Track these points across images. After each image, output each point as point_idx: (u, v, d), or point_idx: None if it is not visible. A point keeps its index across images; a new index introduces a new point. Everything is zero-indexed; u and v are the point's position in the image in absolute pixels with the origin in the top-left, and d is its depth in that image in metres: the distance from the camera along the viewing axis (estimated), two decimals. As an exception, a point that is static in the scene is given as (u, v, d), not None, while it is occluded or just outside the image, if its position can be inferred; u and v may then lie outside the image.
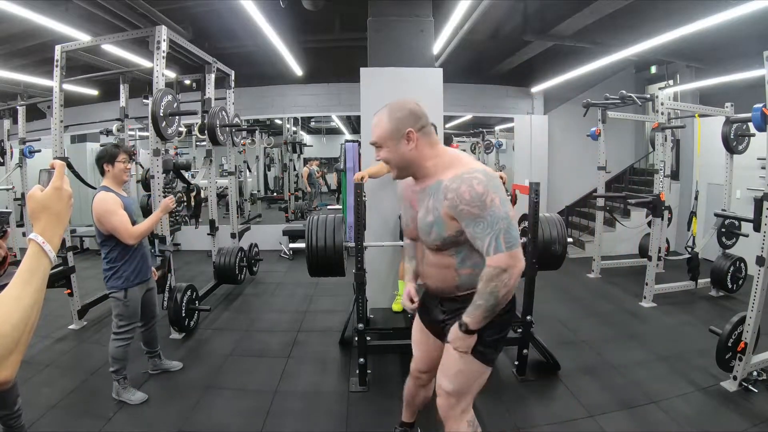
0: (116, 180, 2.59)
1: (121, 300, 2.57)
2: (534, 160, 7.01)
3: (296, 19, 4.83)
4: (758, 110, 2.76)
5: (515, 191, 3.15)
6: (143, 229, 2.56)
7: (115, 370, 2.61)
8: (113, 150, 2.58)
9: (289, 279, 5.33)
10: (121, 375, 2.63)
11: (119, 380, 2.62)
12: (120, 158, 2.57)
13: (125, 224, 2.48)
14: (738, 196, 4.82)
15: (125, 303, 2.58)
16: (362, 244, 2.64)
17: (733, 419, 2.41)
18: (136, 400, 2.62)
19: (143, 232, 2.56)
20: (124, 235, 2.47)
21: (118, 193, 2.58)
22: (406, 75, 3.59)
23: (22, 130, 4.98)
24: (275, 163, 9.85)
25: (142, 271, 2.66)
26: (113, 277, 2.56)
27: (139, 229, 2.53)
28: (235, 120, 4.69)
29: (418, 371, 1.94)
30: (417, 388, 2.01)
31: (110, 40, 3.72)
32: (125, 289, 2.57)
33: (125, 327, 2.61)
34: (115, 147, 2.62)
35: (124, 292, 2.57)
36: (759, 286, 2.56)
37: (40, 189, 0.83)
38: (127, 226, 2.48)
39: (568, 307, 4.24)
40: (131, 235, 2.49)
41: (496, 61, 6.46)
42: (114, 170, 2.57)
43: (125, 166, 2.60)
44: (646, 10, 4.36)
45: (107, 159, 2.56)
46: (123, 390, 2.63)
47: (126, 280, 2.57)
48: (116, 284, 2.56)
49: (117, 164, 2.56)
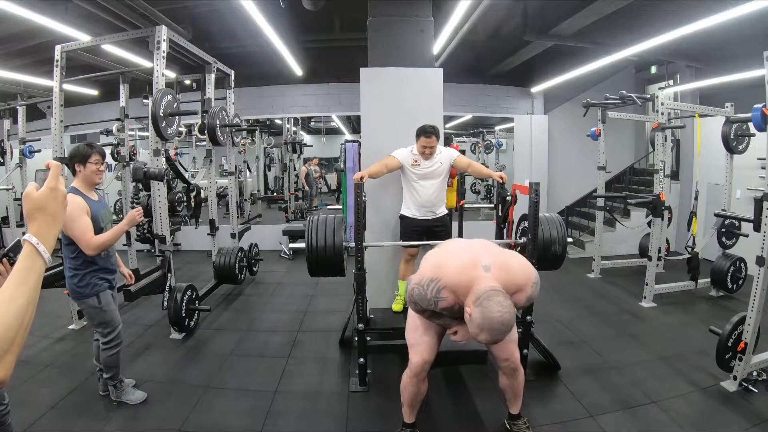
0: (87, 182, 2.41)
1: (97, 307, 2.41)
2: (534, 160, 7.01)
3: (296, 19, 4.83)
4: (758, 110, 2.76)
5: (515, 191, 3.14)
6: (103, 241, 2.33)
7: (110, 377, 2.55)
8: (86, 149, 2.38)
9: (289, 279, 5.33)
10: (118, 379, 2.57)
11: (116, 384, 2.58)
12: (93, 159, 2.38)
13: (85, 233, 2.27)
14: (738, 196, 4.82)
15: (102, 309, 2.43)
16: (362, 244, 2.64)
17: (733, 419, 2.41)
18: (135, 399, 2.59)
19: (103, 244, 2.33)
20: (83, 245, 2.28)
21: (87, 197, 2.39)
22: (406, 75, 3.59)
23: (22, 130, 4.98)
24: (275, 163, 9.85)
25: (111, 278, 2.52)
26: (80, 285, 2.39)
27: (99, 240, 2.31)
28: (235, 120, 4.69)
29: (425, 362, 2.04)
30: (419, 384, 2.09)
31: (110, 40, 3.73)
32: (97, 295, 2.41)
33: (112, 334, 2.48)
34: (87, 146, 2.40)
35: (97, 298, 2.41)
36: (759, 286, 2.56)
37: (35, 188, 0.82)
38: (87, 236, 2.27)
39: (568, 307, 4.24)
40: (90, 245, 2.28)
41: (496, 61, 6.46)
42: (85, 171, 2.38)
43: (98, 168, 2.41)
44: (647, 10, 4.36)
45: (79, 159, 2.37)
46: (122, 392, 2.59)
47: (95, 286, 2.41)
48: (85, 292, 2.39)
49: (89, 165, 2.37)
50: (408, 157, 3.26)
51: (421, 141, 3.18)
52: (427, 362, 2.06)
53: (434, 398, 2.64)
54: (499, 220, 3.26)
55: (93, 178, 2.41)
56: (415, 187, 3.29)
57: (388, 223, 3.58)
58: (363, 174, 3.05)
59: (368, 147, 3.57)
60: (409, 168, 3.27)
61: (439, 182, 3.30)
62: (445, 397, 2.70)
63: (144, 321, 3.91)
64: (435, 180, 3.28)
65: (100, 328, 2.47)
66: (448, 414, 2.54)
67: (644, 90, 6.84)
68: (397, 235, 3.47)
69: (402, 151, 3.28)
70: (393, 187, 3.50)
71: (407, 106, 3.54)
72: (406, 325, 2.18)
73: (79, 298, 2.41)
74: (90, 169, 2.39)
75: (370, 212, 3.19)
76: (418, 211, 3.31)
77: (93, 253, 2.31)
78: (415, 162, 3.24)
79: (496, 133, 8.85)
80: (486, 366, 3.04)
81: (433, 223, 3.31)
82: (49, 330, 3.63)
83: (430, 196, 3.28)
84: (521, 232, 2.98)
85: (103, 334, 2.47)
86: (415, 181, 3.28)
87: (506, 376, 2.18)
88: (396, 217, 3.47)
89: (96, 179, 2.43)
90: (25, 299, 0.74)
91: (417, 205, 3.30)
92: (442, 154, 3.29)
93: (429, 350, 2.07)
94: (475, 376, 2.91)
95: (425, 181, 3.26)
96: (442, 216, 3.38)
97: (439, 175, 3.28)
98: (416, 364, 2.05)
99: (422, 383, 2.11)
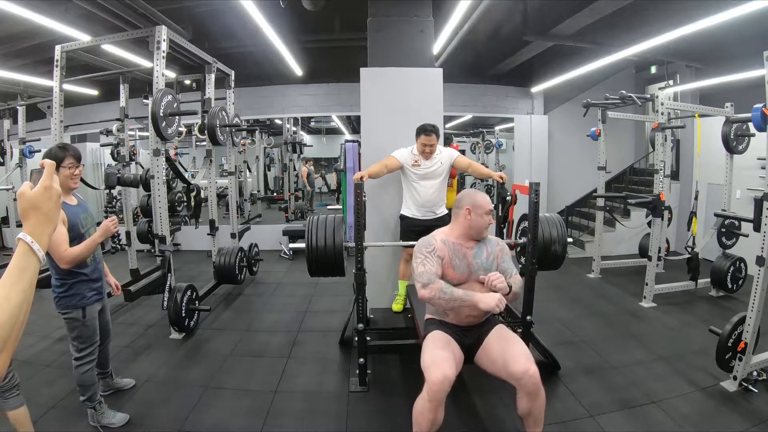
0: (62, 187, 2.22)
1: (79, 320, 2.25)
2: (534, 160, 7.01)
3: (296, 19, 4.83)
4: (758, 110, 2.76)
5: (515, 191, 3.15)
6: (77, 254, 2.15)
7: (87, 398, 2.33)
8: (58, 152, 2.18)
9: (289, 279, 5.33)
10: (96, 401, 2.35)
11: (95, 406, 2.35)
12: (66, 162, 2.19)
13: (60, 245, 2.09)
14: (738, 196, 4.82)
15: (84, 323, 2.27)
16: (362, 244, 2.64)
17: (733, 419, 2.41)
18: (118, 422, 2.38)
19: (77, 257, 2.15)
20: (56, 257, 2.10)
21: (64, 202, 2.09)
22: (406, 75, 3.60)
23: (22, 130, 4.99)
24: (275, 163, 9.86)
25: (99, 287, 2.37)
26: (67, 295, 2.22)
27: (72, 253, 2.13)
28: (235, 120, 4.69)
29: (445, 377, 1.83)
30: (436, 409, 1.85)
31: (110, 40, 3.73)
32: (83, 308, 2.26)
33: (87, 349, 2.30)
34: (60, 149, 2.21)
35: (82, 311, 2.26)
36: (759, 286, 2.56)
37: (30, 186, 0.83)
38: (60, 248, 2.09)
39: (568, 307, 4.24)
40: (63, 258, 2.10)
41: (496, 61, 6.46)
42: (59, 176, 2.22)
43: (71, 172, 2.23)
44: (646, 10, 4.36)
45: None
46: (101, 416, 2.37)
47: (83, 297, 2.26)
48: (72, 302, 2.23)
49: (62, 170, 2.18)
50: (408, 157, 3.27)
51: (421, 139, 3.19)
52: (448, 378, 1.83)
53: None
54: (499, 220, 3.26)
55: (67, 183, 2.22)
56: (415, 187, 3.29)
57: (388, 223, 3.58)
58: (363, 174, 3.05)
59: (368, 147, 3.57)
60: (410, 168, 3.27)
61: (440, 182, 3.31)
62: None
63: (144, 321, 3.91)
64: (435, 180, 3.28)
65: (77, 342, 2.29)
66: (448, 414, 2.53)
67: (644, 90, 6.84)
68: (397, 235, 3.47)
69: (402, 152, 3.29)
70: (393, 187, 3.51)
71: (407, 106, 3.55)
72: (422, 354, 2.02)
73: (64, 308, 2.24)
74: (63, 174, 2.19)
75: (370, 212, 3.19)
76: (418, 212, 3.31)
77: (66, 266, 2.14)
78: (416, 162, 3.25)
79: (496, 133, 8.86)
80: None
81: (433, 223, 3.26)
82: (49, 330, 3.62)
83: (431, 196, 3.28)
84: (521, 232, 2.98)
85: (78, 349, 2.29)
86: (415, 181, 3.28)
87: (527, 396, 1.91)
88: (396, 217, 3.48)
89: (71, 184, 2.25)
90: (20, 298, 0.75)
91: (417, 205, 3.31)
92: (443, 154, 3.30)
93: (450, 365, 1.88)
94: (475, 376, 2.91)
95: (425, 181, 3.27)
96: (443, 216, 3.37)
97: (439, 175, 3.28)
98: (435, 381, 1.81)
99: (439, 408, 1.85)
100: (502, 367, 1.96)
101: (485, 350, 2.09)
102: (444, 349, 1.99)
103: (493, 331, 2.14)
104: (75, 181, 2.28)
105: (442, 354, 1.96)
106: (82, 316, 2.26)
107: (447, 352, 1.97)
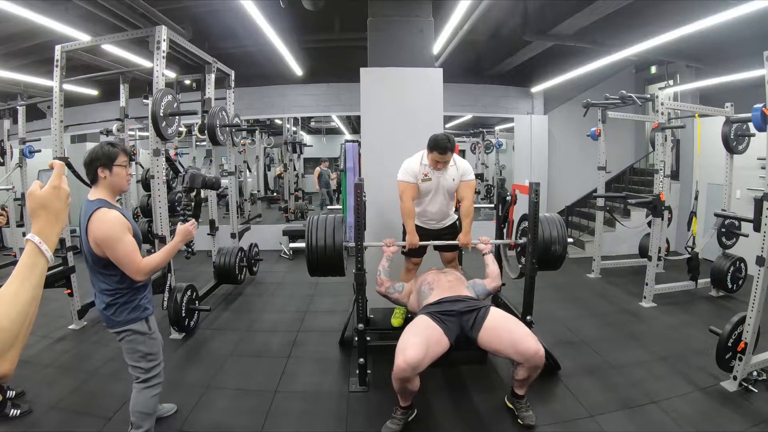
0: (113, 190, 1.93)
1: (146, 333, 2.00)
2: (534, 160, 7.01)
3: (296, 19, 4.83)
4: (758, 110, 2.76)
5: (515, 191, 3.14)
6: (156, 264, 1.93)
7: (146, 431, 2.03)
8: (110, 150, 1.90)
9: (289, 279, 5.33)
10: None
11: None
12: (120, 160, 1.91)
13: (133, 256, 1.85)
14: (738, 196, 4.81)
15: (151, 336, 2.03)
16: (362, 244, 2.64)
17: (733, 419, 2.41)
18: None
19: (156, 267, 1.94)
20: (131, 270, 1.86)
21: (121, 210, 1.94)
22: (406, 75, 3.59)
23: (22, 130, 4.98)
24: (275, 163, 9.85)
25: (150, 292, 2.12)
26: (127, 308, 1.95)
27: (150, 264, 1.91)
28: (235, 120, 4.69)
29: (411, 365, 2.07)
30: (404, 382, 2.15)
31: (110, 40, 3.73)
32: (146, 319, 2.02)
33: (157, 368, 2.07)
34: (111, 146, 1.92)
35: (146, 322, 2.01)
36: (759, 286, 2.56)
37: (39, 186, 0.84)
38: (135, 259, 1.85)
39: (568, 307, 4.24)
40: (140, 270, 1.87)
41: (496, 61, 6.46)
42: (111, 177, 1.89)
43: (127, 171, 1.97)
44: (646, 10, 4.36)
45: (103, 162, 1.88)
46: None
47: (144, 308, 2.01)
48: (134, 315, 1.97)
49: (116, 168, 1.90)
50: (417, 170, 2.84)
51: (433, 156, 2.72)
52: (410, 364, 2.06)
53: (434, 398, 2.65)
54: (499, 220, 3.26)
55: (122, 185, 1.96)
56: (422, 200, 2.95)
57: (389, 223, 3.57)
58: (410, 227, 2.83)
59: (368, 147, 3.57)
60: (419, 183, 2.86)
61: (447, 198, 2.96)
62: (445, 397, 2.70)
63: (144, 321, 3.91)
64: (443, 196, 2.92)
65: (144, 361, 2.02)
66: (449, 414, 2.54)
67: (644, 90, 6.85)
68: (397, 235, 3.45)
69: (410, 168, 2.85)
70: (393, 187, 3.49)
71: (407, 106, 3.54)
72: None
73: (125, 324, 1.96)
74: (118, 174, 1.92)
75: (370, 212, 3.19)
76: (423, 224, 3.06)
77: (142, 278, 1.92)
78: (426, 175, 2.82)
79: (496, 133, 8.85)
80: (486, 366, 3.05)
81: (439, 231, 3.07)
82: (49, 330, 3.63)
83: (437, 212, 2.98)
84: (521, 232, 2.98)
85: (146, 369, 2.03)
86: (424, 195, 2.91)
87: (530, 369, 2.23)
88: (396, 216, 3.45)
89: (125, 185, 1.98)
90: (29, 296, 0.76)
91: (423, 218, 3.04)
92: (457, 170, 2.87)
93: (416, 351, 2.08)
94: (475, 376, 2.92)
95: (433, 196, 2.91)
96: (451, 225, 3.11)
97: (448, 191, 2.91)
98: (397, 365, 2.08)
99: (407, 382, 2.14)
100: (511, 346, 2.19)
101: (488, 332, 2.26)
102: (417, 335, 2.18)
103: (491, 313, 2.33)
104: (128, 182, 2.02)
105: (412, 339, 2.15)
106: (148, 328, 2.02)
107: (419, 338, 2.16)
